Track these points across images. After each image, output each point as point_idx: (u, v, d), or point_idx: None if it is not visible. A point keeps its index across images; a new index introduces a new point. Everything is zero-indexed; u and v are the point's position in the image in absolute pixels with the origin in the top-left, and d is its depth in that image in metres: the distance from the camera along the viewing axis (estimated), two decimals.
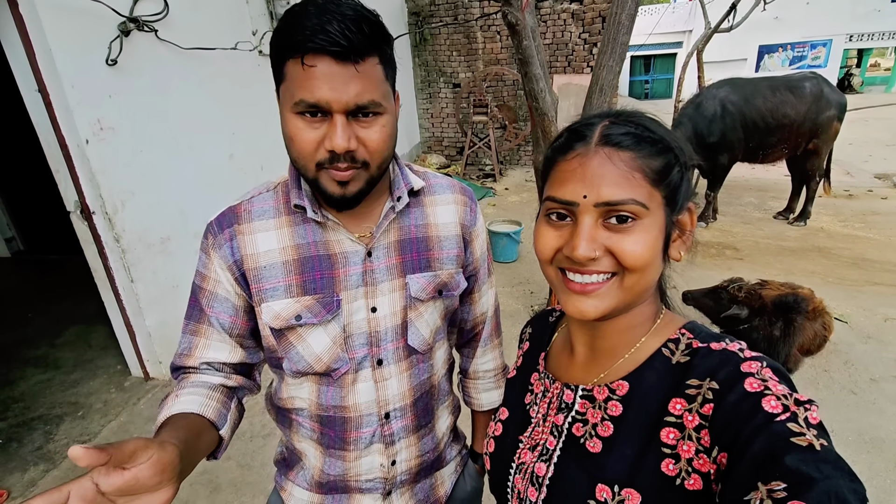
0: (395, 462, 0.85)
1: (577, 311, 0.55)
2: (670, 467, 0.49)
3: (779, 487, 0.39)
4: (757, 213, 5.55)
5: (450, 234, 0.84)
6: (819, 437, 0.41)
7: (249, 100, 3.45)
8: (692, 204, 0.58)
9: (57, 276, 4.62)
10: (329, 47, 0.60)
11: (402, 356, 0.81)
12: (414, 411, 0.85)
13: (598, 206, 0.52)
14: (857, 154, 8.23)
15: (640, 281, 0.54)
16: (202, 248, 0.76)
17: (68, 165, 2.40)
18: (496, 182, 7.10)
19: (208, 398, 0.72)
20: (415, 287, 0.80)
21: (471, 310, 0.96)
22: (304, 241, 0.75)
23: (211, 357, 0.77)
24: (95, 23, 2.39)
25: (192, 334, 0.77)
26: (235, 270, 0.74)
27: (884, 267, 4.05)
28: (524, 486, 0.61)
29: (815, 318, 2.43)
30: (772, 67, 16.80)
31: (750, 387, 0.46)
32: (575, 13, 6.57)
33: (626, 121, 0.55)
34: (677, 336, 0.57)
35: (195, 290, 0.78)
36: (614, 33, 2.42)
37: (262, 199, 0.77)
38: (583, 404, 0.60)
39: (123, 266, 2.60)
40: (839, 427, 2.27)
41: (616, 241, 0.52)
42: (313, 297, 0.74)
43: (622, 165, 0.52)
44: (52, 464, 2.29)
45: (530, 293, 3.78)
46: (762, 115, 4.59)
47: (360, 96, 0.63)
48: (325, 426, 0.82)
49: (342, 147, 0.64)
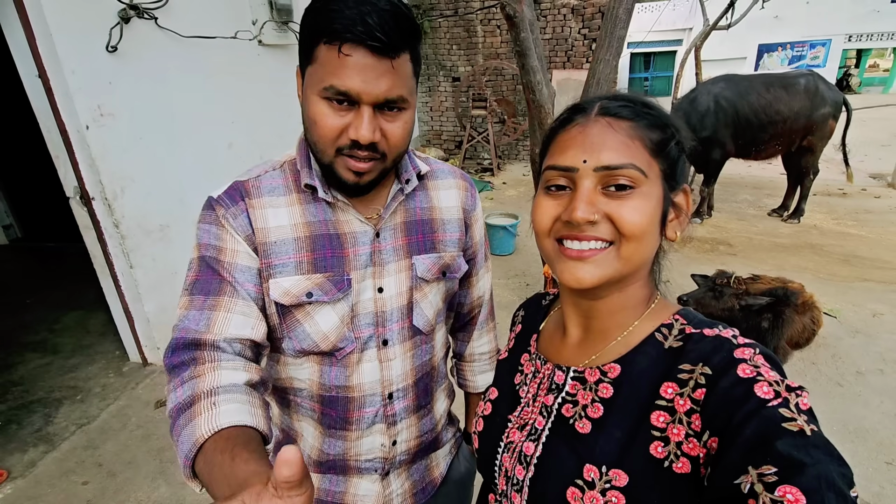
0: (396, 442, 0.86)
1: (574, 279, 0.55)
2: (659, 450, 0.49)
3: (769, 472, 0.39)
4: (752, 210, 5.59)
5: (452, 217, 0.86)
6: (809, 423, 0.41)
7: (249, 89, 3.46)
8: (687, 186, 0.59)
9: (55, 264, 4.63)
10: (368, 40, 0.60)
11: (406, 337, 0.83)
12: (415, 392, 0.86)
13: (598, 170, 0.52)
14: (853, 153, 8.26)
15: (638, 250, 0.54)
16: (209, 220, 0.72)
17: (68, 151, 2.41)
18: (494, 176, 7.12)
19: (251, 405, 0.61)
20: (421, 268, 0.81)
21: (468, 293, 0.98)
22: (316, 219, 0.75)
23: (233, 333, 0.67)
24: (96, 9, 2.40)
25: (211, 309, 0.67)
26: (252, 241, 0.72)
27: (874, 264, 4.11)
28: (512, 464, 0.61)
29: (805, 311, 2.47)
30: (771, 66, 16.80)
31: (743, 372, 0.46)
32: (575, 8, 6.57)
33: (625, 98, 0.57)
34: (671, 321, 0.57)
35: (211, 263, 0.70)
36: (611, 28, 2.45)
37: (270, 176, 0.76)
38: (573, 385, 0.60)
39: (122, 252, 2.62)
40: (825, 418, 2.32)
41: (615, 208, 0.52)
42: (324, 275, 0.74)
43: (622, 133, 0.53)
44: (51, 445, 2.32)
45: (526, 285, 3.82)
46: (755, 111, 4.62)
47: (391, 91, 0.64)
48: (327, 406, 0.82)
49: (368, 139, 0.65)
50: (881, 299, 3.44)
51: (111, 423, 2.47)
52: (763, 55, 17.27)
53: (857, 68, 18.62)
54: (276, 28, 3.66)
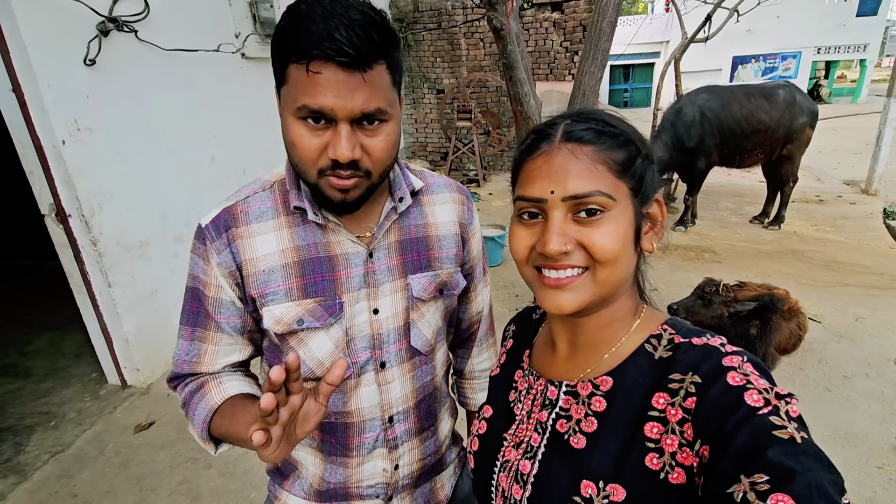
0: (398, 466, 0.84)
1: (554, 306, 0.56)
2: (654, 461, 0.49)
3: (761, 480, 0.39)
4: (734, 218, 5.70)
5: (449, 232, 0.84)
6: (799, 430, 0.42)
7: (232, 102, 3.42)
8: (660, 196, 0.59)
9: (28, 283, 4.46)
10: (336, 56, 0.58)
11: (405, 358, 0.80)
12: (417, 414, 0.84)
13: (566, 199, 0.53)
14: (826, 161, 8.53)
15: (613, 273, 0.55)
16: (197, 252, 0.73)
17: (43, 167, 2.33)
18: (480, 187, 7.14)
19: (251, 384, 0.74)
20: (417, 287, 0.79)
21: (467, 309, 0.96)
22: (305, 242, 0.73)
23: (223, 362, 0.77)
24: (73, 22, 2.34)
25: (200, 341, 0.75)
26: (237, 275, 0.72)
27: (853, 269, 4.20)
28: (508, 484, 0.61)
29: (791, 317, 2.51)
30: (745, 77, 17.36)
31: (732, 380, 0.46)
32: (557, 22, 6.68)
33: (587, 118, 0.57)
34: (659, 332, 0.57)
35: (197, 296, 0.74)
36: (596, 40, 2.48)
37: (259, 198, 0.74)
38: (566, 400, 0.60)
39: (100, 270, 2.53)
40: (815, 423, 2.34)
41: (586, 235, 0.53)
42: (315, 300, 0.73)
43: (585, 159, 0.53)
44: (22, 476, 2.20)
45: (515, 296, 3.80)
46: (738, 121, 4.74)
47: (367, 104, 0.61)
48: (327, 433, 0.80)
49: (346, 157, 0.62)
50: (862, 303, 3.51)
51: (87, 451, 2.36)
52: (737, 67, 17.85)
53: (826, 79, 19.33)
54: (259, 41, 3.62)
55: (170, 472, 2.20)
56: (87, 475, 2.20)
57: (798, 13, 16.08)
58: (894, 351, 2.90)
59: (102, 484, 2.16)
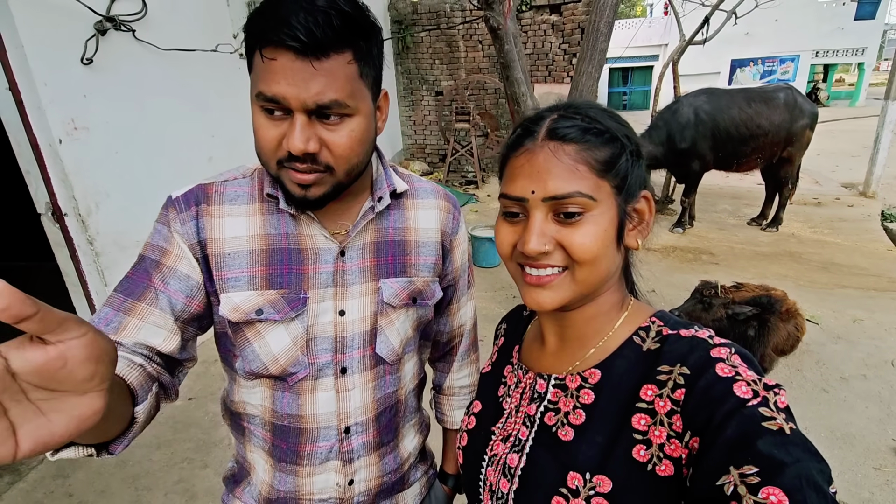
0: (353, 482, 0.79)
1: (535, 303, 0.57)
2: (641, 453, 0.49)
3: (751, 472, 0.39)
4: (732, 220, 5.71)
5: (429, 240, 0.80)
6: (788, 421, 0.42)
7: (230, 102, 3.42)
8: (648, 192, 0.59)
9: (23, 284, 4.39)
10: (287, 42, 0.56)
11: (367, 366, 0.76)
12: (376, 427, 0.79)
13: (546, 200, 0.53)
14: (824, 164, 8.56)
15: (592, 273, 0.55)
16: (162, 220, 0.69)
17: (40, 166, 2.33)
18: (478, 189, 7.15)
19: (129, 367, 0.59)
20: (388, 292, 0.76)
21: (448, 322, 0.92)
22: (276, 231, 0.70)
23: (140, 339, 0.65)
24: (70, 21, 2.34)
25: (125, 312, 0.65)
26: (198, 250, 0.69)
27: (851, 271, 4.21)
28: (496, 477, 0.61)
29: (789, 318, 2.51)
30: (743, 80, 17.42)
31: (721, 371, 0.47)
32: (555, 24, 6.70)
33: (575, 113, 0.56)
34: (648, 324, 0.57)
35: (148, 265, 0.68)
36: (593, 41, 2.48)
37: (237, 184, 0.72)
38: (555, 393, 0.60)
39: (97, 269, 2.52)
40: (812, 424, 2.34)
41: (565, 235, 0.53)
42: (278, 292, 0.70)
43: (566, 159, 0.53)
44: (17, 475, 2.19)
45: (512, 297, 3.80)
46: (736, 125, 4.74)
47: (322, 95, 0.58)
48: (278, 437, 0.76)
49: (298, 149, 0.59)
50: (860, 305, 3.51)
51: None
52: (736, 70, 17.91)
53: (824, 83, 19.40)
54: None
55: (165, 472, 2.19)
56: (83, 475, 2.19)
57: (796, 16, 16.17)
58: (892, 352, 2.91)
59: (98, 483, 2.14)
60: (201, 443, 2.37)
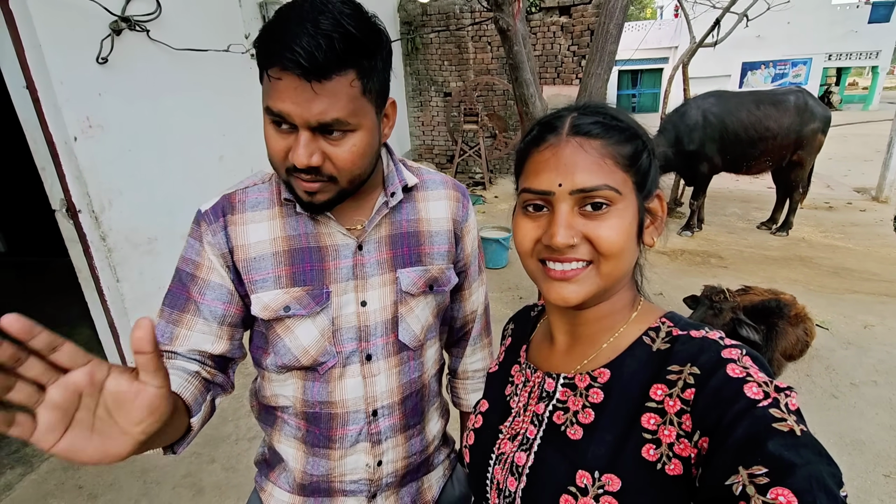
0: (382, 462, 0.84)
1: (560, 298, 0.56)
2: (651, 452, 0.49)
3: (760, 472, 0.39)
4: (741, 224, 5.66)
5: (441, 228, 0.84)
6: (799, 423, 0.42)
7: (241, 102, 3.45)
8: (660, 192, 0.60)
9: (38, 278, 4.52)
10: (290, 66, 0.59)
11: (391, 352, 0.81)
12: (402, 410, 0.84)
13: (574, 193, 0.53)
14: (837, 168, 8.46)
15: (617, 267, 0.55)
16: (194, 235, 0.75)
17: (55, 163, 2.36)
18: (486, 190, 7.15)
19: (187, 381, 0.68)
20: (405, 281, 0.80)
21: (461, 307, 0.96)
22: (296, 232, 0.75)
23: (193, 346, 0.73)
24: (87, 21, 2.38)
25: (174, 324, 0.74)
26: (228, 258, 0.74)
27: (862, 276, 4.15)
28: (503, 476, 0.61)
29: (798, 323, 2.48)
30: (755, 83, 17.26)
31: (732, 372, 0.47)
32: (564, 26, 6.69)
33: (594, 111, 0.57)
34: (657, 324, 0.58)
35: (184, 279, 0.75)
36: (602, 43, 2.48)
37: (258, 189, 0.77)
38: (564, 392, 0.60)
39: (109, 265, 2.56)
40: (821, 430, 2.31)
41: (592, 228, 0.53)
42: (303, 289, 0.74)
43: (593, 153, 0.54)
44: (29, 467, 2.23)
45: (519, 298, 3.80)
46: (745, 128, 4.70)
47: (324, 114, 0.61)
48: (311, 423, 0.81)
49: (302, 163, 0.63)
50: (871, 311, 3.47)
51: None
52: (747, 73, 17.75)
53: (837, 86, 19.18)
54: None
55: (174, 466, 2.22)
56: (93, 467, 2.22)
57: (809, 19, 15.99)
58: None
59: (107, 476, 2.18)
60: (209, 438, 2.39)
